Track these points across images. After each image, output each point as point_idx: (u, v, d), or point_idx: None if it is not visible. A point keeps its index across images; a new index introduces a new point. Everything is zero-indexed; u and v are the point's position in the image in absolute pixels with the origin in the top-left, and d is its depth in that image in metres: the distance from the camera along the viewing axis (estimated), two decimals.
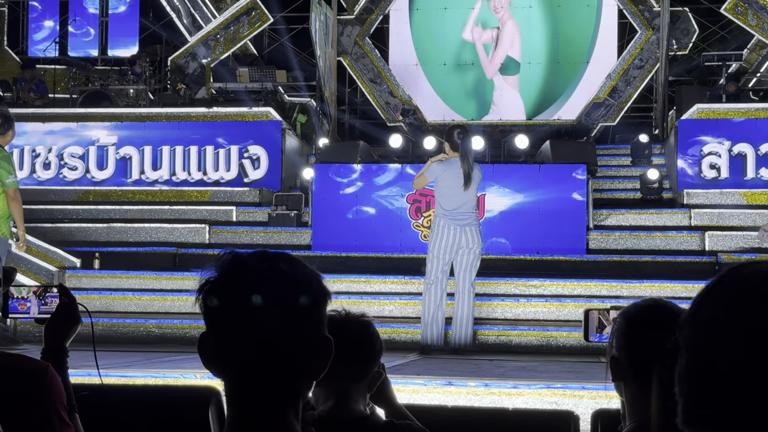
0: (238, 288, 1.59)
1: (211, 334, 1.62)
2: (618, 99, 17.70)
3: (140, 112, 15.00)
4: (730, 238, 12.11)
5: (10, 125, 9.34)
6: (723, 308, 1.17)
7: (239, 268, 1.61)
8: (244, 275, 1.60)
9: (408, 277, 10.91)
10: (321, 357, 1.64)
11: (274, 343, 1.58)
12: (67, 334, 2.80)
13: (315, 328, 1.63)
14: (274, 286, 1.59)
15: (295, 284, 1.61)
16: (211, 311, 1.62)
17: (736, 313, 1.14)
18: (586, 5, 17.88)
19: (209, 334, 1.63)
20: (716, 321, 1.16)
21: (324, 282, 1.66)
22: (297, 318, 1.60)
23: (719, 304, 1.17)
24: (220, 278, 1.61)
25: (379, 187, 12.45)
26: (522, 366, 8.24)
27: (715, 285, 1.20)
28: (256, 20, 18.18)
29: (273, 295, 1.58)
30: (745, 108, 13.92)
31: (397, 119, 18.16)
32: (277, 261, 1.63)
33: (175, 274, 11.47)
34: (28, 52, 19.17)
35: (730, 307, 1.16)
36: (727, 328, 1.15)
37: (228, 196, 14.07)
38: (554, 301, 10.37)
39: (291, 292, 1.60)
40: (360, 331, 2.78)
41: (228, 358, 1.60)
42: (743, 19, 16.79)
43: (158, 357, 8.54)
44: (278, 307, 1.59)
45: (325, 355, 1.64)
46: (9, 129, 9.32)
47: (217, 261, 1.63)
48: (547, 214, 12.11)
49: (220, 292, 1.60)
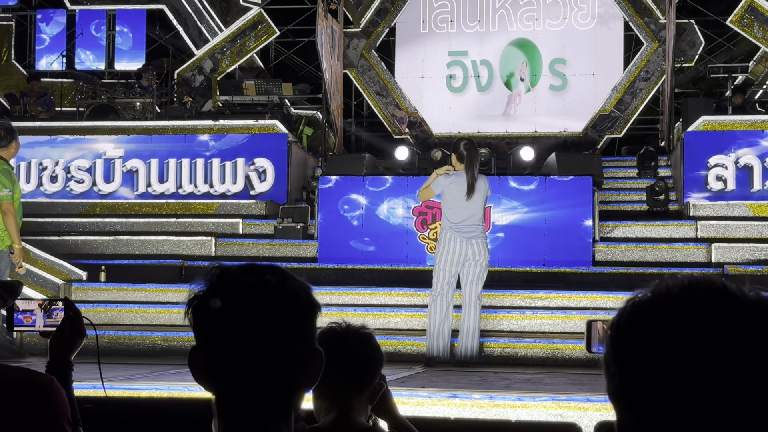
0: (226, 302, 1.60)
1: (201, 347, 1.63)
2: (624, 111, 17.70)
3: (147, 125, 15.04)
4: (737, 250, 12.09)
5: (12, 138, 9.36)
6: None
7: (227, 282, 1.62)
8: (233, 290, 1.61)
9: (413, 290, 10.90)
10: (312, 369, 1.64)
11: (264, 356, 1.59)
12: (71, 347, 2.81)
13: (305, 341, 1.64)
14: (262, 299, 1.60)
15: (284, 297, 1.62)
16: (201, 325, 1.62)
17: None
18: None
19: (199, 348, 1.63)
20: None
21: (313, 294, 1.67)
22: (286, 330, 1.60)
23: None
24: (208, 292, 1.62)
25: (385, 200, 12.46)
26: (527, 378, 8.23)
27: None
28: (263, 33, 18.24)
29: (261, 308, 1.59)
30: (751, 120, 13.91)
31: (403, 131, 18.18)
32: (265, 274, 1.63)
33: (181, 286, 11.47)
34: (35, 65, 19.23)
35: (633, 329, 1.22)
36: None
37: (234, 209, 14.09)
38: (560, 313, 10.35)
39: (279, 304, 1.61)
40: (361, 343, 2.79)
41: (218, 371, 1.61)
42: (749, 31, 16.80)
43: (163, 369, 8.54)
44: (267, 320, 1.59)
45: (315, 367, 1.64)
46: (11, 141, 9.34)
47: (205, 275, 1.64)
48: (553, 226, 12.11)
49: (208, 307, 1.61)
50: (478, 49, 18.12)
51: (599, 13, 17.90)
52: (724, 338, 1.17)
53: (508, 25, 18.08)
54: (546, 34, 17.97)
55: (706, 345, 1.17)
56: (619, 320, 1.26)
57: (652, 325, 1.20)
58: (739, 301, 1.21)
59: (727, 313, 1.19)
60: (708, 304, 1.20)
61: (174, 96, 17.63)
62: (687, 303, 1.20)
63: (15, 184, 9.36)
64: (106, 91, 16.69)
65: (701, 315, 1.19)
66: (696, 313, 1.19)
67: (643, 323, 1.22)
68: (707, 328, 1.18)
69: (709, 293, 1.21)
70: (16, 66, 19.31)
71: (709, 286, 1.22)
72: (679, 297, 1.21)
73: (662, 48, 17.32)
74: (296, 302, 1.63)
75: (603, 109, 17.73)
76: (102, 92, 16.59)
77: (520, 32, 18.04)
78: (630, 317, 1.24)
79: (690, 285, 1.22)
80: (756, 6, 16.69)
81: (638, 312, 1.23)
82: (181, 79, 18.16)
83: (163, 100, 17.35)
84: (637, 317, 1.23)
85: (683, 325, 1.18)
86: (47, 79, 18.39)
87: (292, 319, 1.61)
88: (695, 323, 1.19)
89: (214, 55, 18.26)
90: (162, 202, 14.35)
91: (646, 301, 1.23)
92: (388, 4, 18.41)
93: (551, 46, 17.92)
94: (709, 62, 18.01)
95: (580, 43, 17.86)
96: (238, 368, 1.59)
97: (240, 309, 1.59)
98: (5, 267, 9.23)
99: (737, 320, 1.19)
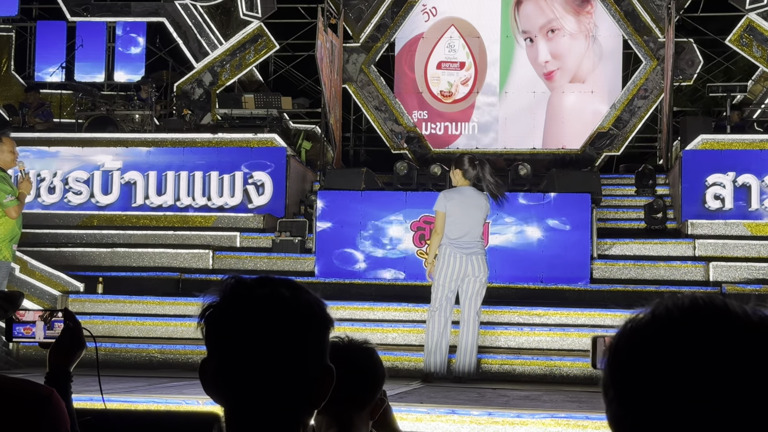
0: (240, 313, 1.58)
1: (213, 359, 1.61)
2: (622, 129, 17.72)
3: (145, 138, 15.04)
4: (735, 269, 12.09)
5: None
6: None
7: (242, 294, 1.60)
8: (247, 301, 1.59)
9: (411, 305, 10.89)
10: (323, 385, 1.62)
11: (276, 369, 1.57)
12: (71, 358, 2.79)
13: (317, 356, 1.62)
14: (276, 312, 1.58)
15: (298, 311, 1.60)
16: (213, 336, 1.61)
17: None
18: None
19: (210, 359, 1.61)
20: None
21: (327, 309, 1.65)
22: (299, 345, 1.59)
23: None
24: (222, 303, 1.61)
25: (383, 215, 12.45)
26: (526, 395, 8.21)
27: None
28: (262, 47, 18.27)
29: (275, 321, 1.58)
30: (749, 139, 13.93)
31: (401, 147, 18.19)
32: (280, 287, 1.62)
33: (179, 299, 11.47)
34: (35, 77, 19.24)
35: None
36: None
37: (232, 222, 14.07)
38: (558, 330, 10.34)
39: (294, 318, 1.59)
40: (363, 358, 2.77)
41: (229, 384, 1.59)
42: (748, 50, 16.85)
43: (161, 382, 8.51)
44: (281, 333, 1.58)
45: (326, 383, 1.62)
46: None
47: (220, 286, 1.62)
48: (551, 243, 12.11)
49: (223, 317, 1.59)
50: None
51: (598, 31, 17.93)
52: (727, 361, 1.14)
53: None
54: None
55: (707, 368, 1.13)
56: (617, 343, 1.22)
57: (652, 348, 1.17)
58: (741, 321, 1.17)
59: (730, 335, 1.15)
60: (709, 325, 1.16)
61: (173, 108, 17.64)
62: (687, 325, 1.16)
63: (14, 188, 9.36)
64: (105, 103, 16.69)
65: (702, 337, 1.15)
66: (697, 336, 1.15)
67: (642, 346, 1.18)
68: (709, 351, 1.14)
69: (711, 314, 1.17)
70: (15, 77, 19.31)
71: (710, 307, 1.18)
72: (679, 318, 1.17)
73: (661, 66, 17.36)
74: (310, 316, 1.61)
75: (601, 127, 17.76)
76: (101, 104, 16.59)
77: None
78: (629, 340, 1.20)
79: (691, 306, 1.18)
80: (755, 26, 16.74)
81: (637, 334, 1.20)
82: (180, 92, 18.17)
83: (162, 113, 17.36)
84: (636, 340, 1.19)
85: (684, 347, 1.15)
86: (46, 90, 18.39)
87: (306, 333, 1.60)
88: (696, 346, 1.15)
89: (214, 68, 18.28)
90: (160, 214, 14.33)
91: (645, 323, 1.20)
92: (388, 19, 18.44)
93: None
94: (707, 81, 18.06)
95: (578, 60, 17.90)
96: (250, 381, 1.57)
97: (254, 321, 1.57)
98: (2, 278, 9.21)
99: (740, 342, 1.15)
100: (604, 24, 17.91)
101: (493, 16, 18.18)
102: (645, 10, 17.66)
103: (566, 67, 17.99)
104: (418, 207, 12.37)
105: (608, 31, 17.91)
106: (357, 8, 18.48)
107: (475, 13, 18.19)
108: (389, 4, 18.37)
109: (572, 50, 17.99)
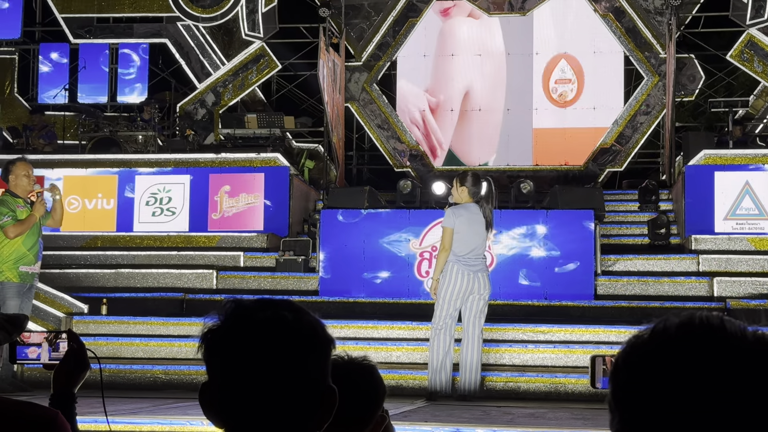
0: (241, 337, 1.57)
1: (214, 383, 1.60)
2: (625, 145, 17.74)
3: (149, 158, 15.06)
4: (739, 284, 12.07)
5: (8, 172, 9.44)
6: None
7: (244, 317, 1.59)
8: (249, 324, 1.58)
9: (415, 323, 10.87)
10: (325, 407, 1.61)
11: (279, 392, 1.56)
12: (76, 380, 2.79)
13: (320, 378, 1.61)
14: (278, 334, 1.57)
15: (300, 332, 1.59)
16: (215, 360, 1.60)
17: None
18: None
19: (211, 383, 1.61)
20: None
21: (328, 331, 1.64)
22: (302, 367, 1.58)
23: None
24: (223, 327, 1.60)
25: (387, 233, 12.45)
26: (530, 413, 8.19)
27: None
28: (265, 67, 18.33)
29: (278, 343, 1.57)
30: (752, 154, 13.93)
31: (404, 164, 18.22)
32: (282, 309, 1.60)
33: (183, 319, 11.46)
34: (38, 98, 19.30)
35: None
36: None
37: (236, 242, 14.07)
38: (562, 347, 10.33)
39: (296, 340, 1.58)
40: (363, 376, 2.76)
41: (231, 407, 1.57)
42: (749, 65, 16.88)
43: (165, 403, 8.50)
44: (283, 355, 1.57)
45: (329, 405, 1.62)
46: (7, 176, 9.42)
47: (220, 309, 1.61)
48: (554, 259, 12.11)
49: (225, 341, 1.59)
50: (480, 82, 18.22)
51: (600, 47, 17.99)
52: (723, 379, 1.14)
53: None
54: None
55: (704, 386, 1.14)
56: (618, 361, 1.23)
57: (649, 366, 1.18)
58: (737, 340, 1.17)
59: (725, 354, 1.16)
60: (705, 344, 1.17)
61: (176, 129, 17.68)
62: (683, 343, 1.17)
63: (14, 210, 9.36)
64: (109, 125, 16.74)
65: (698, 356, 1.16)
66: (692, 354, 1.16)
67: (639, 364, 1.19)
68: (704, 370, 1.15)
69: (706, 333, 1.18)
70: (18, 99, 19.36)
71: (706, 326, 1.19)
72: (675, 337, 1.18)
73: (662, 82, 17.39)
74: (313, 338, 1.60)
75: (604, 143, 17.78)
76: (104, 125, 16.64)
77: None
78: (628, 358, 1.21)
79: (687, 324, 1.19)
80: (755, 41, 16.78)
81: (635, 353, 1.21)
82: (183, 113, 18.23)
83: (166, 134, 17.39)
84: (634, 358, 1.21)
85: (680, 366, 1.16)
86: (50, 112, 18.43)
87: (309, 355, 1.59)
88: (692, 364, 1.16)
89: (216, 89, 18.34)
90: (163, 235, 14.34)
91: (643, 342, 1.21)
92: (390, 38, 18.50)
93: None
94: (709, 96, 18.08)
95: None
96: (251, 405, 1.56)
97: (257, 344, 1.56)
98: (10, 298, 9.21)
99: (735, 361, 1.15)
100: (605, 40, 17.94)
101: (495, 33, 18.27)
102: (646, 27, 17.70)
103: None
104: (421, 225, 12.38)
105: (609, 48, 17.95)
106: (358, 27, 18.54)
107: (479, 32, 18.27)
108: (390, 22, 18.44)
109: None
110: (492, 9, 18.16)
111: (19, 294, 9.29)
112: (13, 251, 9.29)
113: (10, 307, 9.10)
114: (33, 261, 9.44)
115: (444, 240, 9.11)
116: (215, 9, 18.29)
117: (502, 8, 18.15)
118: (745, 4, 16.72)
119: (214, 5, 18.29)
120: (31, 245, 9.43)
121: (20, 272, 9.30)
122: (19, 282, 9.30)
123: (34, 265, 9.46)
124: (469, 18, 18.37)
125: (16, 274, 9.27)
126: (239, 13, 18.27)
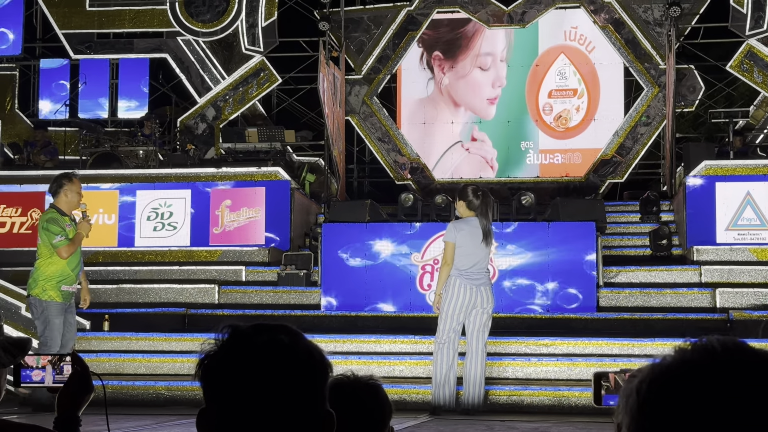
0: (238, 362, 1.57)
1: (211, 408, 1.59)
2: (626, 156, 17.75)
3: (149, 173, 15.07)
4: (741, 294, 12.05)
5: (59, 186, 9.34)
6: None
7: (240, 342, 1.59)
8: (247, 349, 1.58)
9: (418, 337, 10.86)
10: (324, 431, 1.61)
11: (278, 418, 1.55)
12: (80, 403, 2.79)
13: (317, 403, 1.60)
14: (277, 359, 1.57)
15: (298, 357, 1.58)
16: (213, 387, 1.59)
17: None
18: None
19: (209, 409, 1.60)
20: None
21: (325, 355, 1.64)
22: (300, 392, 1.57)
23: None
24: (220, 352, 1.59)
25: (388, 246, 12.44)
26: (534, 427, 8.17)
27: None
28: (265, 81, 18.36)
29: (276, 369, 1.56)
30: (753, 164, 13.93)
31: (405, 177, 18.22)
32: (278, 334, 1.59)
33: (185, 335, 11.44)
34: (38, 114, 19.32)
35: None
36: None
37: (237, 256, 14.06)
38: (566, 360, 10.30)
39: (294, 365, 1.58)
40: (369, 395, 2.76)
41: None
42: (749, 76, 16.90)
43: (168, 420, 8.49)
44: (281, 380, 1.56)
45: (327, 429, 1.61)
46: (58, 190, 9.32)
47: (216, 336, 1.60)
48: (556, 271, 12.09)
49: (222, 367, 1.58)
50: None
51: (599, 58, 18.01)
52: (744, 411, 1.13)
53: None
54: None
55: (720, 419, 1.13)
56: (634, 391, 1.21)
57: (666, 398, 1.17)
58: (760, 369, 1.17)
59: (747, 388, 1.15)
60: (725, 378, 1.15)
61: (177, 144, 17.69)
62: (704, 374, 1.16)
63: (65, 229, 9.30)
64: (109, 140, 16.76)
65: (717, 388, 1.15)
66: (712, 387, 1.15)
67: (658, 396, 1.18)
68: (724, 400, 1.14)
69: (726, 364, 1.17)
70: (19, 115, 19.39)
71: (734, 352, 1.17)
72: (706, 365, 1.17)
73: (663, 93, 17.41)
74: (310, 362, 1.59)
75: (604, 154, 17.79)
76: (105, 140, 16.66)
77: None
78: (650, 387, 1.19)
79: (721, 351, 1.18)
80: (755, 51, 16.80)
81: (653, 385, 1.19)
82: (183, 127, 18.25)
83: (166, 148, 17.40)
84: (650, 394, 1.19)
85: (700, 396, 1.15)
86: (51, 127, 18.45)
87: (306, 379, 1.58)
88: (712, 396, 1.14)
89: (217, 103, 18.36)
90: (165, 249, 14.33)
91: (661, 373, 1.19)
92: (390, 51, 18.53)
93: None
94: (709, 107, 18.10)
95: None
96: (250, 431, 1.55)
97: (255, 369, 1.55)
98: (54, 316, 9.13)
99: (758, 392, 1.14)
100: (605, 52, 17.97)
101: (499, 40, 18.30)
102: (645, 38, 17.73)
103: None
104: (423, 238, 12.37)
105: (609, 59, 17.98)
106: (358, 41, 18.58)
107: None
108: (390, 36, 18.48)
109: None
110: (492, 21, 18.19)
111: (61, 312, 9.23)
112: (58, 271, 9.22)
113: (54, 326, 9.07)
114: (74, 280, 9.36)
115: (446, 254, 9.10)
116: (215, 24, 18.34)
117: (502, 20, 18.19)
118: (745, 15, 16.74)
119: (215, 20, 18.33)
120: (75, 265, 9.36)
121: (62, 292, 9.26)
122: (62, 301, 9.25)
123: (74, 284, 9.40)
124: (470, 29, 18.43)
125: (59, 293, 9.22)
126: (239, 28, 18.31)
